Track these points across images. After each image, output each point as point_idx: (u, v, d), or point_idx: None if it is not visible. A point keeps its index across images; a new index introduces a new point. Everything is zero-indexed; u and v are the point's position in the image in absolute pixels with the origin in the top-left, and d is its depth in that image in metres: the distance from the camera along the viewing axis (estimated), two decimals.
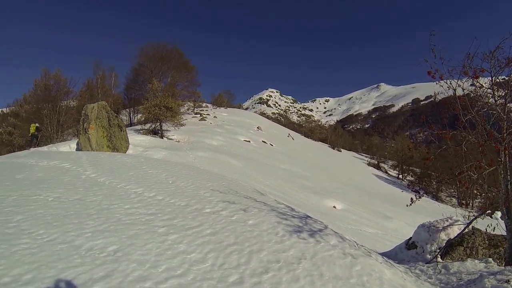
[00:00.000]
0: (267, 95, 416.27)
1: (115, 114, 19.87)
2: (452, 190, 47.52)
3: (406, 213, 22.57)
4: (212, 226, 6.22)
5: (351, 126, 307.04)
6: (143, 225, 5.95)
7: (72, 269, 4.26)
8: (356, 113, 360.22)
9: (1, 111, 56.97)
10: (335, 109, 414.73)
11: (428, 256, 6.82)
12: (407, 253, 7.49)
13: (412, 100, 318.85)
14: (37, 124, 22.27)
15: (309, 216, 7.77)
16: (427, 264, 6.38)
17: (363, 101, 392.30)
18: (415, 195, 6.71)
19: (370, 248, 7.06)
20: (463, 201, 43.09)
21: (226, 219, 6.66)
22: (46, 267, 4.26)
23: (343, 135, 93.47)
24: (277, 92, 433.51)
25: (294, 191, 19.26)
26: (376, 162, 64.67)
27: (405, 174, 59.02)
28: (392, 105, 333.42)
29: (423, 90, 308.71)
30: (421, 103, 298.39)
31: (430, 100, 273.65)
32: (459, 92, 6.01)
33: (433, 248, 6.91)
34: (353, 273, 5.01)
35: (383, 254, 7.16)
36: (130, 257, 4.71)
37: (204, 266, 4.71)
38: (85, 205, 6.92)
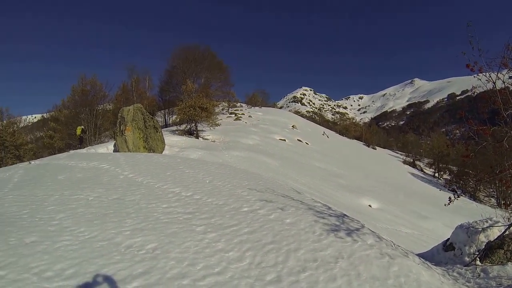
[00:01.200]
0: (301, 94, 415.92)
1: (151, 116, 20.18)
2: (491, 190, 45.40)
3: (442, 213, 21.89)
4: (250, 224, 6.20)
5: (385, 123, 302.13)
6: (181, 223, 6.00)
7: (112, 265, 4.35)
8: (390, 109, 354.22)
9: (42, 116, 59.18)
10: (369, 106, 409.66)
11: (467, 259, 6.49)
12: (444, 255, 7.17)
13: (448, 95, 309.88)
14: (82, 127, 22.99)
15: (346, 215, 7.62)
16: (465, 267, 6.08)
17: (397, 98, 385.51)
18: (454, 194, 6.42)
19: (406, 249, 6.87)
20: (503, 201, 41.23)
21: (263, 218, 6.62)
22: (87, 263, 4.37)
23: (378, 132, 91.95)
24: (311, 90, 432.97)
25: (329, 189, 19.02)
26: (412, 160, 62.75)
27: (441, 173, 57.01)
28: (427, 101, 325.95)
29: (459, 84, 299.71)
30: (457, 98, 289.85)
31: (466, 94, 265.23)
32: (499, 85, 5.71)
33: (471, 251, 6.56)
34: (391, 273, 4.87)
35: (419, 255, 6.91)
36: (169, 255, 4.76)
37: (242, 265, 4.70)
38: (124, 204, 7.06)
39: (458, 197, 6.39)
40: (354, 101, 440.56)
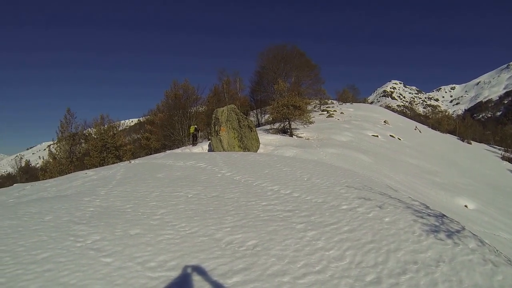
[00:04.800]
0: (390, 87, 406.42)
1: (245, 116, 20.51)
2: None
3: None
4: (349, 223, 6.10)
5: (481, 115, 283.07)
6: (281, 221, 6.00)
7: (212, 260, 4.46)
8: (485, 99, 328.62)
9: (138, 120, 63.90)
10: (462, 97, 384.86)
11: None
12: None
13: None
14: (195, 126, 24.00)
15: (445, 215, 7.30)
16: None
17: (493, 85, 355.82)
18: None
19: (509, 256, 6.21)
20: None
21: (362, 216, 6.50)
22: (189, 256, 4.54)
23: (473, 125, 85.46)
24: (400, 83, 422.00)
25: (423, 187, 18.04)
26: None
27: None
28: None
29: None
30: None
31: None
32: None
33: None
34: (494, 283, 4.47)
35: None
36: (269, 252, 4.76)
37: (342, 264, 4.62)
38: (223, 201, 7.23)
39: None
40: (445, 92, 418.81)
